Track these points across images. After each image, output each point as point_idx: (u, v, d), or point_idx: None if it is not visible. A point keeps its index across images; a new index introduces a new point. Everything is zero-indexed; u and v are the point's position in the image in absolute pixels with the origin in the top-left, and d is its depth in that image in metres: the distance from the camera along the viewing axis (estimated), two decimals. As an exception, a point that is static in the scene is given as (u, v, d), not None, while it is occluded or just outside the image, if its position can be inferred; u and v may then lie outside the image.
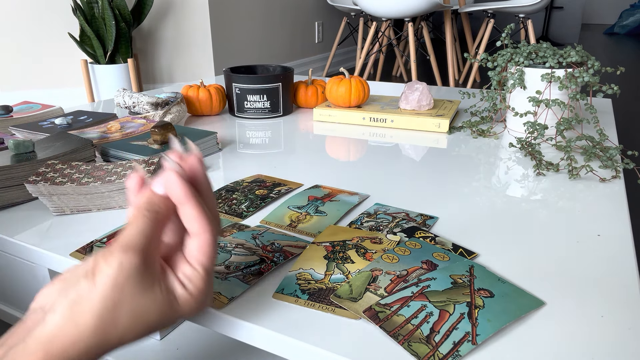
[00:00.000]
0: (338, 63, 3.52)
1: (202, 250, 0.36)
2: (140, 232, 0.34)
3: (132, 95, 0.98)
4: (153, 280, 0.34)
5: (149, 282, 0.33)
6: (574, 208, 0.62)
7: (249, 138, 0.93)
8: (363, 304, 0.41)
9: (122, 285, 0.32)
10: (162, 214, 0.35)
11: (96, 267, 0.33)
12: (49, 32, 2.15)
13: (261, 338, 0.40)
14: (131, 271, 0.32)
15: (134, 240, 0.33)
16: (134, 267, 0.33)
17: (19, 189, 0.62)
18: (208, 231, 0.36)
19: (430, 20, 3.75)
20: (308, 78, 1.17)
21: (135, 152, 0.74)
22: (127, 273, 0.32)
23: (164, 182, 0.36)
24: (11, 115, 0.93)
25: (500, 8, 2.53)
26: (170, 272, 0.36)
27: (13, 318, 0.74)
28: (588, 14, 6.59)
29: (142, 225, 0.34)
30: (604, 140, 0.78)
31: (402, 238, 0.52)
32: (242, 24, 2.53)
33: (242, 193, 0.66)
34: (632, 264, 0.49)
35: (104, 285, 0.32)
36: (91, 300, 0.32)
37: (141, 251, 0.33)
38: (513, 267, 0.48)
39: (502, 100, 0.94)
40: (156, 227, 0.35)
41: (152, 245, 0.34)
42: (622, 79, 3.12)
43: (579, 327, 0.40)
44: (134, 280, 0.33)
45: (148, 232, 0.34)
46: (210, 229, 0.36)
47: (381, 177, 0.73)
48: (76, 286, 0.32)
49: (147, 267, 0.33)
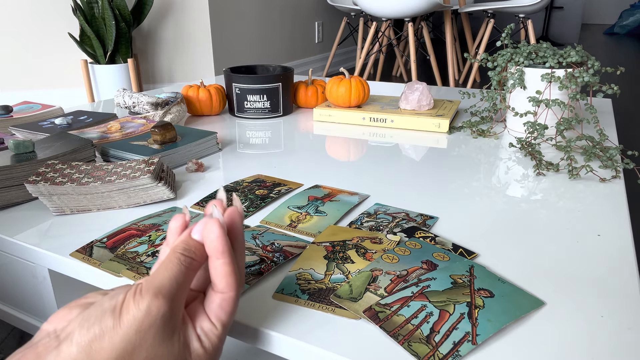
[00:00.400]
0: (338, 63, 3.52)
1: (223, 308, 0.35)
2: (172, 278, 0.33)
3: (132, 95, 0.98)
4: (174, 330, 0.33)
5: (170, 332, 0.32)
6: (574, 208, 0.62)
7: (249, 138, 0.93)
8: (363, 304, 0.41)
9: (146, 330, 0.31)
10: (196, 263, 0.34)
11: (125, 306, 0.31)
12: (49, 32, 2.15)
13: (261, 338, 0.40)
14: (157, 318, 0.31)
15: (166, 285, 0.32)
16: (162, 314, 0.31)
17: (19, 189, 0.62)
18: (234, 289, 0.35)
19: (430, 20, 3.75)
20: (308, 78, 1.17)
21: (135, 152, 0.74)
22: (153, 319, 0.31)
23: (203, 230, 0.35)
24: (11, 115, 0.93)
25: (500, 8, 2.53)
26: (190, 325, 0.35)
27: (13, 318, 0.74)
28: (588, 14, 6.59)
29: (175, 271, 0.33)
30: (604, 140, 0.78)
31: (402, 238, 0.52)
32: (242, 24, 2.53)
33: (242, 193, 0.66)
34: (632, 264, 0.49)
35: (130, 328, 0.31)
36: (113, 339, 0.30)
37: (171, 299, 0.32)
38: (513, 267, 0.48)
39: (502, 100, 0.94)
40: (188, 275, 0.34)
41: (181, 293, 0.33)
42: (622, 79, 3.12)
43: (579, 327, 0.40)
44: (157, 328, 0.31)
45: (180, 279, 0.33)
46: (236, 288, 0.35)
47: (381, 177, 0.73)
48: (101, 321, 0.31)
49: (172, 315, 0.32)
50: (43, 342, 0.31)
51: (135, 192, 0.61)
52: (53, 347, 0.30)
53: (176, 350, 0.33)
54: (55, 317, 0.33)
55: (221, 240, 0.34)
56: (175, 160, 0.76)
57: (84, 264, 0.49)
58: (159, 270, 0.33)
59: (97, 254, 0.51)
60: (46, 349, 0.30)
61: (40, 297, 0.62)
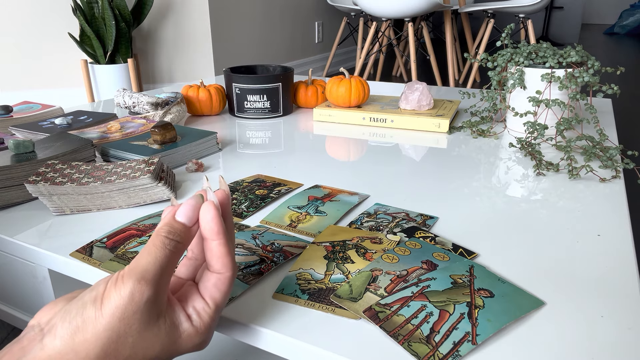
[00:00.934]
0: (338, 63, 3.52)
1: (218, 287, 0.35)
2: (156, 262, 0.32)
3: (132, 95, 0.98)
4: (159, 314, 0.32)
5: (155, 317, 0.32)
6: (574, 208, 0.62)
7: (249, 138, 0.93)
8: (363, 304, 0.41)
9: (130, 316, 0.30)
10: (181, 245, 0.34)
11: (106, 294, 0.31)
12: (49, 32, 2.15)
13: (261, 338, 0.40)
14: (141, 303, 0.31)
15: (149, 269, 0.32)
16: (145, 299, 0.31)
17: (19, 189, 0.62)
18: (230, 269, 0.35)
19: (430, 20, 3.75)
20: (308, 78, 1.17)
21: (135, 152, 0.74)
22: (136, 305, 0.31)
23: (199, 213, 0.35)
24: (11, 115, 0.93)
25: (500, 8, 2.53)
26: (177, 306, 0.34)
27: (13, 318, 0.74)
28: (588, 14, 6.59)
29: (159, 255, 0.32)
30: (604, 140, 0.78)
31: (402, 238, 0.52)
32: (242, 24, 2.53)
33: (242, 193, 0.66)
34: (632, 264, 0.49)
35: (112, 316, 0.30)
36: (96, 329, 0.30)
37: (155, 283, 0.31)
38: (513, 267, 0.48)
39: (502, 100, 0.94)
40: (173, 259, 0.33)
41: (165, 277, 0.33)
42: (622, 79, 3.12)
43: (579, 327, 0.40)
44: (142, 313, 0.31)
45: (164, 262, 0.32)
46: (233, 268, 0.35)
47: (381, 177, 0.73)
48: (82, 311, 0.30)
49: (156, 300, 0.32)
50: (28, 336, 0.31)
51: (135, 192, 0.61)
52: (37, 340, 0.30)
53: (163, 333, 0.32)
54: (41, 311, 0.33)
55: (217, 221, 0.34)
56: (175, 160, 0.76)
57: (84, 264, 0.49)
58: (141, 255, 0.33)
59: (97, 254, 0.51)
60: (30, 342, 0.30)
61: (40, 297, 0.62)
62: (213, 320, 0.35)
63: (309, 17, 3.16)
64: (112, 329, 0.30)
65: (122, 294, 0.30)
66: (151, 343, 0.32)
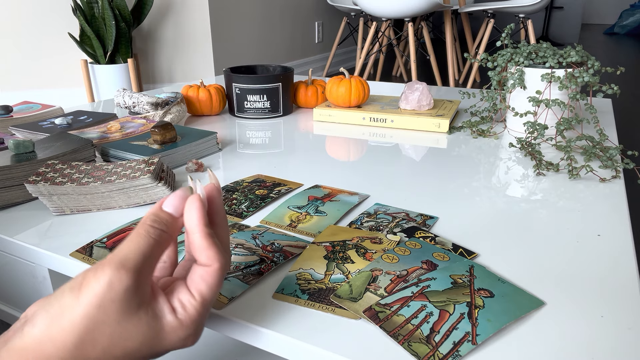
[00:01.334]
0: (338, 63, 3.52)
1: (205, 279, 0.34)
2: (138, 250, 0.31)
3: (132, 95, 0.98)
4: (140, 305, 0.31)
5: (135, 307, 0.31)
6: (574, 208, 0.62)
7: (249, 138, 0.93)
8: (363, 304, 0.41)
9: (107, 305, 0.30)
10: (166, 235, 0.33)
11: (84, 282, 0.30)
12: (49, 32, 2.15)
13: (261, 338, 0.40)
14: (120, 292, 0.30)
15: (130, 258, 0.31)
16: (124, 288, 0.30)
17: (19, 189, 0.62)
18: (217, 261, 0.34)
19: (430, 20, 3.75)
20: (308, 78, 1.17)
21: (135, 152, 0.74)
22: (115, 293, 0.30)
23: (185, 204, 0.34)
24: (11, 115, 0.93)
25: (500, 8, 2.53)
26: (161, 297, 0.33)
27: (13, 318, 0.74)
28: (588, 14, 6.59)
29: (142, 243, 0.32)
30: (604, 140, 0.78)
31: (402, 238, 0.52)
32: (242, 24, 2.53)
33: (242, 193, 0.66)
34: (632, 264, 0.49)
35: (89, 304, 0.29)
36: (73, 317, 0.29)
37: (135, 271, 0.31)
38: (513, 267, 0.48)
39: (502, 100, 0.94)
40: (157, 248, 0.33)
41: (148, 266, 0.32)
42: (622, 79, 3.12)
43: (579, 327, 0.40)
44: (120, 302, 0.30)
45: (147, 251, 0.32)
46: (219, 260, 0.34)
47: (381, 177, 0.73)
48: (59, 300, 0.30)
49: (137, 289, 0.31)
50: (13, 327, 0.31)
51: (135, 192, 0.61)
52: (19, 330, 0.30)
53: (144, 325, 0.31)
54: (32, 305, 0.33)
55: (199, 213, 0.34)
56: (175, 160, 0.76)
57: (84, 264, 0.49)
58: (124, 243, 0.32)
59: (97, 254, 0.51)
60: (14, 333, 0.30)
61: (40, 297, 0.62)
62: (199, 313, 0.34)
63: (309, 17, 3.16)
64: (89, 317, 0.29)
65: (100, 281, 0.30)
66: (131, 334, 0.31)
